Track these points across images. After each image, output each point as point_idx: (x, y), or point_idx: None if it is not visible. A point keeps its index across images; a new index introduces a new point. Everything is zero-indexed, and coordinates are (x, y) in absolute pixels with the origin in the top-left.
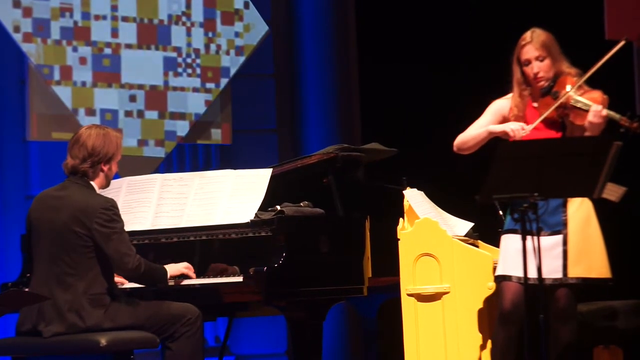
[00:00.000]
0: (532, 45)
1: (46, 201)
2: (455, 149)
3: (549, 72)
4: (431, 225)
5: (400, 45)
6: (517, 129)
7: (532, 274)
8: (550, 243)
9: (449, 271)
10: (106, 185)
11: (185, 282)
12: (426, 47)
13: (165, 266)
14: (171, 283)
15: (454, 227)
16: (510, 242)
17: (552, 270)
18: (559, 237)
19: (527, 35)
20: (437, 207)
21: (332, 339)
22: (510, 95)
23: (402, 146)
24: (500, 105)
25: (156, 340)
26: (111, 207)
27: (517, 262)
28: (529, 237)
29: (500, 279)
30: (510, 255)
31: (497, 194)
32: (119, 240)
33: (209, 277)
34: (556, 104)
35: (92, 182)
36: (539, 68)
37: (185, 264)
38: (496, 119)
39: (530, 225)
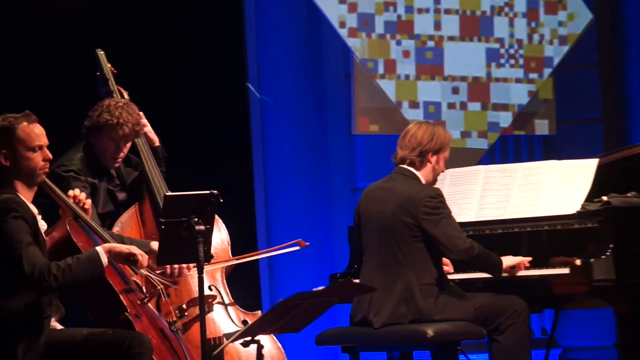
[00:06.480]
0: None
1: (373, 193)
2: None
3: None
4: None
5: None
6: None
7: None
8: None
9: None
10: (432, 180)
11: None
12: None
13: (502, 258)
14: (504, 274)
15: None
16: None
17: None
18: None
19: None
20: None
21: None
22: None
23: None
24: None
25: (482, 332)
26: (437, 195)
27: None
28: None
29: None
30: None
31: None
32: (447, 224)
33: (535, 268)
34: None
35: (418, 173)
36: None
37: (521, 258)
38: None
39: None
